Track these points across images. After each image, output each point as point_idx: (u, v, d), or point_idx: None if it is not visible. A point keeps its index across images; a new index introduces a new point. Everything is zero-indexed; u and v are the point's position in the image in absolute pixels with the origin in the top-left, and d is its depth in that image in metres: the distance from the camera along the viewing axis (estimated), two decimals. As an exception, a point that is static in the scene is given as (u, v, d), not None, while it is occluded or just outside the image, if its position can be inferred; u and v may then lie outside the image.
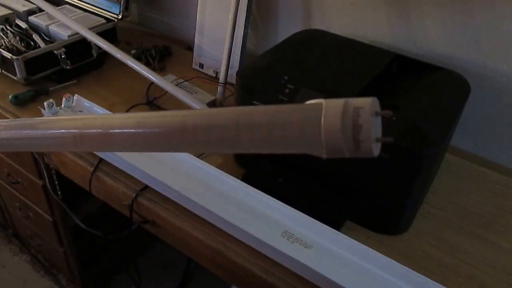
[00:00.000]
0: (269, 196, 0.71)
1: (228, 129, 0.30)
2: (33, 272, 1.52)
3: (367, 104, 0.26)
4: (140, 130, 0.33)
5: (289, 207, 0.69)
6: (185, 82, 1.05)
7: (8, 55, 0.97)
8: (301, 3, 1.01)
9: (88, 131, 0.35)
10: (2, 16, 1.12)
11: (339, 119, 0.26)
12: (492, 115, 0.87)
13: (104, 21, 1.14)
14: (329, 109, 0.27)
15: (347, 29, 0.96)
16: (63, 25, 1.07)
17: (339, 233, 0.66)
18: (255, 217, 0.69)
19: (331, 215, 0.70)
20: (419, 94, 0.73)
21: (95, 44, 1.04)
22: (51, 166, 0.96)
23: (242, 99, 0.75)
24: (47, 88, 1.01)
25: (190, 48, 1.20)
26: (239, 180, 0.75)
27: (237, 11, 0.96)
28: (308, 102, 0.29)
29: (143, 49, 1.16)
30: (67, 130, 0.36)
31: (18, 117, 0.94)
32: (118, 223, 0.87)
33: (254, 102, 0.70)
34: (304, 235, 0.66)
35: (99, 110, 0.89)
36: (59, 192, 1.03)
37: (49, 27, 1.08)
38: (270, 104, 0.30)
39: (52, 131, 0.36)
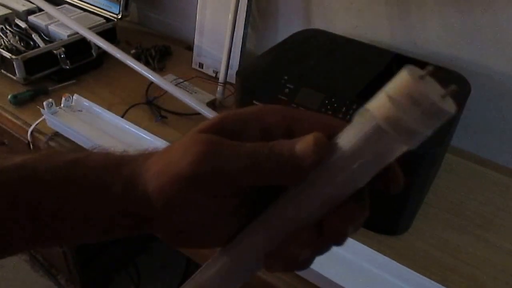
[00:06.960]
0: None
1: None
2: (32, 272, 1.51)
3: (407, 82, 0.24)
4: None
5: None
6: (185, 82, 1.05)
7: (7, 54, 0.97)
8: (301, 3, 1.01)
9: None
10: (1, 15, 1.12)
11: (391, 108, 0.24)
12: (492, 115, 0.87)
13: (104, 20, 1.13)
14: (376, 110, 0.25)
15: (347, 29, 0.96)
16: (62, 24, 1.07)
17: (339, 233, 0.65)
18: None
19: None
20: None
21: (95, 44, 1.04)
22: (50, 166, 0.96)
23: (242, 99, 0.75)
24: (47, 88, 1.00)
25: (189, 48, 1.20)
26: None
27: (237, 11, 0.95)
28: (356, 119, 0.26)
29: (143, 49, 1.16)
30: None
31: (18, 117, 0.93)
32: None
33: (254, 101, 0.69)
34: (304, 235, 0.66)
35: (98, 109, 0.89)
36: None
37: (49, 26, 1.08)
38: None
39: None
